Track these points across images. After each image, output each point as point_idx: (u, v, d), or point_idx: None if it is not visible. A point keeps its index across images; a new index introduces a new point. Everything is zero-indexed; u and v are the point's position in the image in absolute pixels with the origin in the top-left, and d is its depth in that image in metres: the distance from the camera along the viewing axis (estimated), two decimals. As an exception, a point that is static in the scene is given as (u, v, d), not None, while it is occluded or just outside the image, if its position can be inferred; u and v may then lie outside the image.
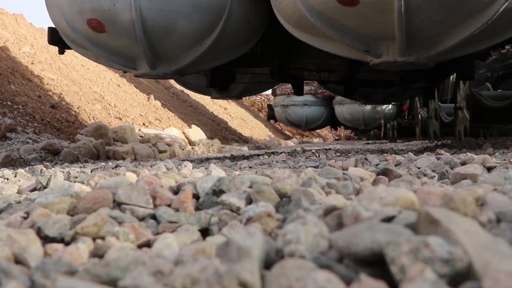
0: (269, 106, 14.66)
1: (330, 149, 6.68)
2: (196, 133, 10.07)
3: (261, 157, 3.66)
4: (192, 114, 15.05)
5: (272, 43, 4.67)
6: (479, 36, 3.11)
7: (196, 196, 1.16)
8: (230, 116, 18.29)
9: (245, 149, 11.05)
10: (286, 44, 4.62)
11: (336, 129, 18.63)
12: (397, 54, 3.20)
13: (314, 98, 12.46)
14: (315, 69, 5.38)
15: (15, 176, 2.35)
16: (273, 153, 5.65)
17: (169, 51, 4.20)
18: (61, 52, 4.90)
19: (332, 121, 13.75)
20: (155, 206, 1.08)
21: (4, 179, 2.29)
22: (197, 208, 1.10)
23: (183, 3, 3.95)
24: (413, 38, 3.08)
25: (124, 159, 5.64)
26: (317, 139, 24.07)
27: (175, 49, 4.19)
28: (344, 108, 12.51)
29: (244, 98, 20.39)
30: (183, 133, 9.72)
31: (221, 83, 5.28)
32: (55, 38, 4.75)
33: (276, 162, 2.89)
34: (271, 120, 15.12)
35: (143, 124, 10.42)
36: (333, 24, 3.31)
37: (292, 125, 13.58)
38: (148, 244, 0.88)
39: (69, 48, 4.73)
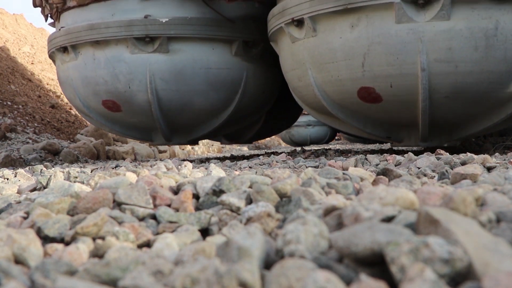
0: None
1: (330, 149, 6.67)
2: (196, 133, 10.03)
3: (261, 157, 3.65)
4: (192, 114, 15.02)
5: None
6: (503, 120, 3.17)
7: (196, 196, 1.16)
8: (230, 116, 18.26)
9: (245, 149, 11.05)
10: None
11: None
12: (419, 140, 3.25)
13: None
14: None
15: (15, 176, 2.35)
16: (273, 153, 5.64)
17: (185, 125, 4.28)
18: None
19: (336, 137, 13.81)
20: (155, 206, 1.08)
21: (4, 179, 2.29)
22: (197, 208, 1.10)
23: (199, 83, 3.99)
24: (435, 126, 3.11)
25: (124, 159, 5.64)
26: (317, 139, 24.00)
27: (191, 124, 4.27)
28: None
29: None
30: (183, 133, 9.70)
31: (235, 136, 5.40)
32: None
33: (276, 162, 2.89)
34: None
35: (143, 124, 10.40)
36: (354, 116, 3.37)
37: (297, 145, 13.67)
38: (148, 244, 0.88)
39: None
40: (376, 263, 0.59)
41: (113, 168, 2.95)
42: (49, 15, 4.38)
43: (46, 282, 0.60)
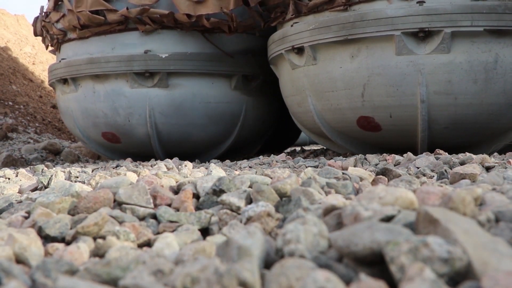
0: None
1: (329, 148, 6.66)
2: (197, 133, 10.03)
3: (261, 157, 3.66)
4: (193, 114, 15.02)
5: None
6: None
7: (196, 196, 1.16)
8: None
9: (245, 149, 11.01)
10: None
11: None
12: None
13: None
14: None
15: (17, 176, 2.35)
16: (273, 153, 5.65)
17: (184, 156, 4.31)
18: None
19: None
20: (156, 205, 1.08)
21: (6, 178, 2.29)
22: (197, 208, 1.10)
23: (198, 116, 4.01)
24: (434, 149, 3.12)
25: (124, 159, 5.63)
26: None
27: (190, 155, 4.29)
28: None
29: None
30: (184, 133, 9.69)
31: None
32: None
33: (276, 162, 2.89)
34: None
35: (144, 124, 10.40)
36: (353, 142, 3.40)
37: (296, 145, 13.77)
38: (148, 244, 0.88)
39: None
40: (375, 262, 0.59)
41: (113, 168, 2.95)
42: (49, 45, 4.43)
43: (47, 282, 0.60)
